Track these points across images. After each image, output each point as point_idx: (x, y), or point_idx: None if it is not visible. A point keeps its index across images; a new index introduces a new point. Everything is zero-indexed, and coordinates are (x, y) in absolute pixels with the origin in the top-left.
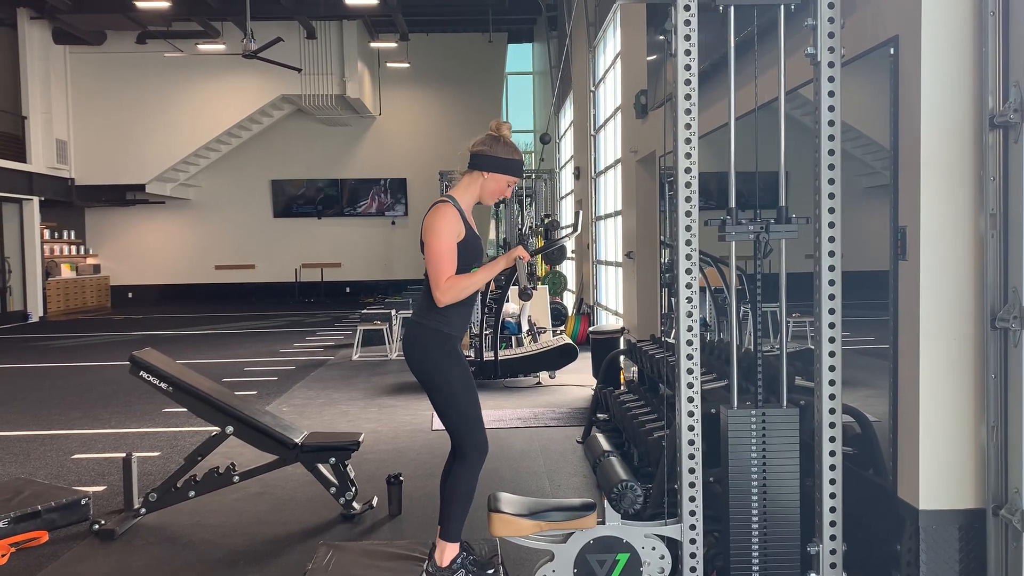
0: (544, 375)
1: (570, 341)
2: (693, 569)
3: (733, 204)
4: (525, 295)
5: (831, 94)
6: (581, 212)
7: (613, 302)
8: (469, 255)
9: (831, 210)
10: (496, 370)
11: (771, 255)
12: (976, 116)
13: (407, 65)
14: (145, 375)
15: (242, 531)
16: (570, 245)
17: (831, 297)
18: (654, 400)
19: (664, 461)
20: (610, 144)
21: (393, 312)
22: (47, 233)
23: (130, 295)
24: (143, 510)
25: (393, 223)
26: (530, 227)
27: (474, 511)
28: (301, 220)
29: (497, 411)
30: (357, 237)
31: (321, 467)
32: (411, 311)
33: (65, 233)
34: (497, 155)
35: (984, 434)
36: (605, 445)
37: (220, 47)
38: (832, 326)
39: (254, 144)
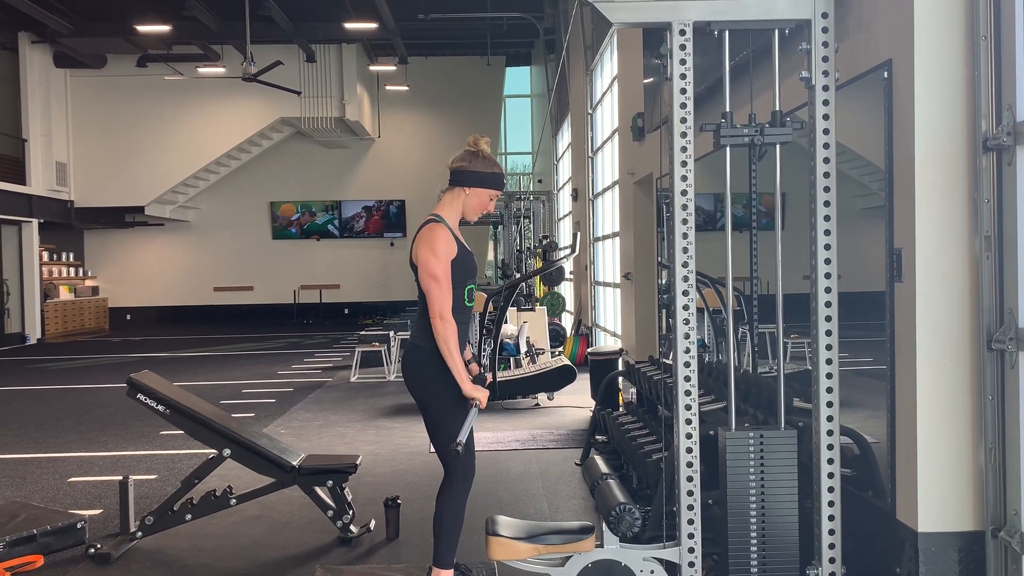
0: (543, 397)
1: (569, 362)
2: None
3: (728, 108)
4: (454, 451)
5: (826, 117)
6: (579, 233)
7: (611, 323)
8: (463, 273)
9: (827, 232)
10: (494, 392)
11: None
12: (970, 139)
13: (406, 88)
14: (142, 398)
15: (239, 554)
16: (568, 266)
17: (828, 319)
18: (653, 422)
19: (663, 483)
20: (607, 166)
21: (391, 334)
22: (46, 255)
23: (128, 317)
24: (139, 533)
25: (392, 244)
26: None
27: (472, 534)
28: (300, 242)
29: (495, 433)
30: (356, 258)
31: (318, 490)
32: (409, 332)
33: (64, 255)
34: (477, 170)
35: (982, 456)
36: (603, 467)
37: (220, 70)
38: (829, 347)
39: (253, 166)
